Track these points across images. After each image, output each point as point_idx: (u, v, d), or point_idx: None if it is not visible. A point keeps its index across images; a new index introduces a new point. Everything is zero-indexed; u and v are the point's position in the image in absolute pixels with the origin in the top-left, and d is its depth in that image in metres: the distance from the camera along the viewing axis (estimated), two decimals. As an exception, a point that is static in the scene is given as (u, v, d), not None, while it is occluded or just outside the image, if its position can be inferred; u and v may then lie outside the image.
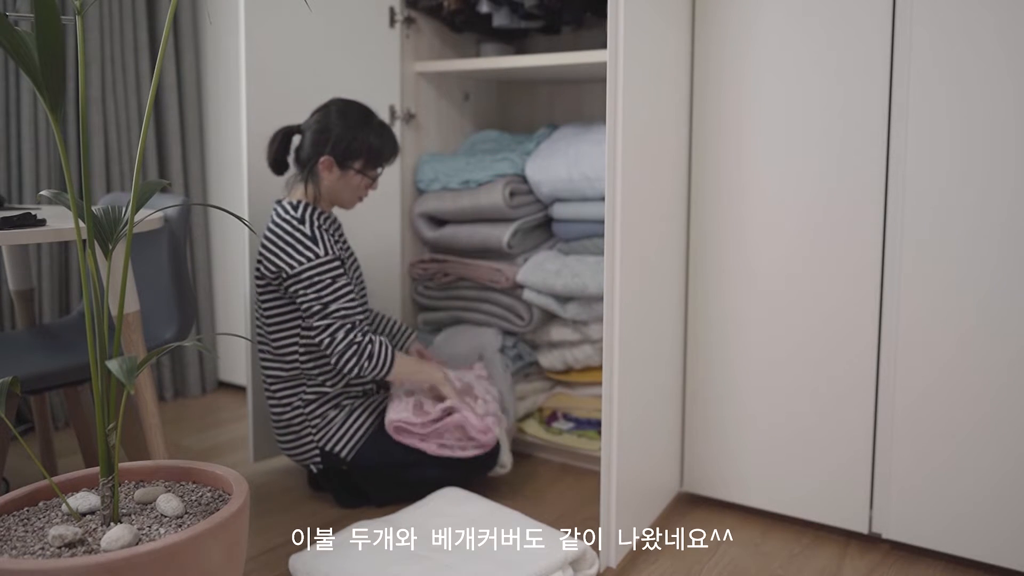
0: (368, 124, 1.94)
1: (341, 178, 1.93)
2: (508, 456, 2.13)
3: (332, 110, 1.94)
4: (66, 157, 1.11)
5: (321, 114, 1.95)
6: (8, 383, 1.07)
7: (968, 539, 1.69)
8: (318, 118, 1.94)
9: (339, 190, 1.94)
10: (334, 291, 1.83)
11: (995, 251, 1.60)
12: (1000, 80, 1.57)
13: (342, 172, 1.92)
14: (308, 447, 1.97)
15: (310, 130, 1.93)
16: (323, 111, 1.95)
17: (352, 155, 1.91)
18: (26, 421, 2.54)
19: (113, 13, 2.64)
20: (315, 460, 1.97)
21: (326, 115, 1.94)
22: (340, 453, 1.95)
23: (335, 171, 1.91)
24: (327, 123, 1.92)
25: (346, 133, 1.90)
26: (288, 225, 1.87)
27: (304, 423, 1.96)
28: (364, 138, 1.91)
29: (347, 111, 1.93)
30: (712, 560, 1.77)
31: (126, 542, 1.05)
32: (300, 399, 1.96)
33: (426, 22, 2.51)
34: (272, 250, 1.88)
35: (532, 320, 2.29)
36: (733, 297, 1.90)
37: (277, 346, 1.95)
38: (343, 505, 2.00)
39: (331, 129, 1.90)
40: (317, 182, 1.92)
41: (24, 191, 2.49)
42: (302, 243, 1.84)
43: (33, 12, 1.01)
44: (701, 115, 1.90)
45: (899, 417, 1.73)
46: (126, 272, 1.17)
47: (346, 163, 1.91)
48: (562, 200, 2.29)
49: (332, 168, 1.91)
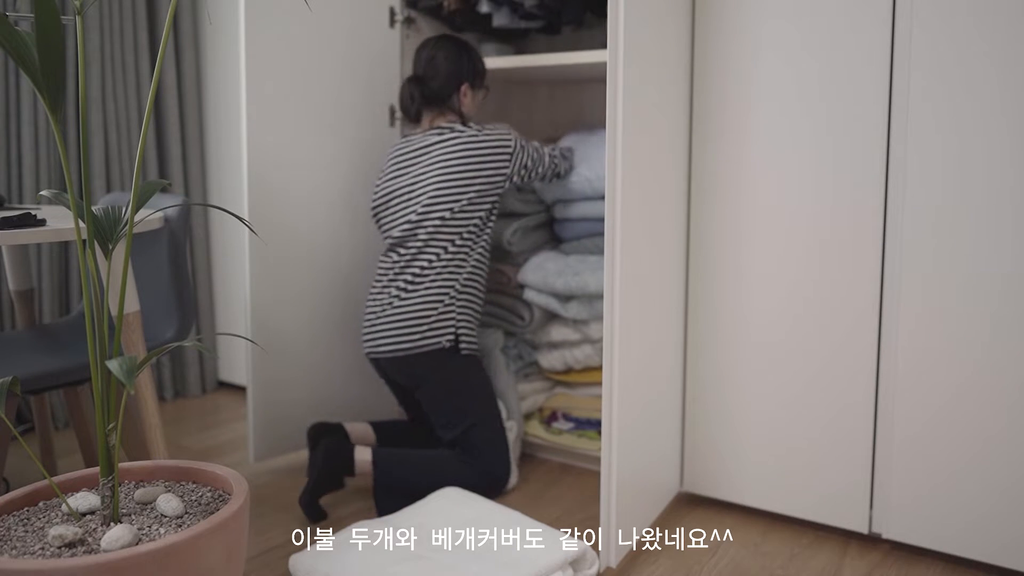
0: (471, 47, 2.21)
1: (474, 97, 2.22)
2: (514, 477, 2.13)
3: (449, 48, 2.17)
4: (66, 157, 1.11)
5: (447, 51, 2.16)
6: (8, 383, 1.07)
7: (968, 539, 1.69)
8: (444, 56, 2.15)
9: (472, 107, 2.22)
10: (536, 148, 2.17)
11: (996, 253, 1.60)
12: (999, 91, 1.57)
13: (474, 92, 2.21)
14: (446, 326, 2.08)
15: (440, 69, 2.15)
16: (440, 52, 2.16)
17: (479, 76, 2.21)
18: (26, 421, 2.55)
19: (113, 13, 2.64)
20: (449, 338, 2.08)
21: (452, 50, 2.17)
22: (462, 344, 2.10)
23: (469, 94, 2.19)
24: (455, 56, 2.16)
25: (472, 60, 2.19)
26: (481, 133, 2.10)
27: (451, 307, 2.09)
28: (479, 59, 2.21)
29: (457, 45, 2.18)
30: (712, 560, 1.77)
31: (126, 542, 1.05)
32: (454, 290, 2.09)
33: (426, 22, 2.51)
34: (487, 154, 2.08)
35: (533, 320, 2.29)
36: (733, 296, 1.91)
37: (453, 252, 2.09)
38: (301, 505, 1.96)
39: (461, 60, 2.17)
40: (458, 107, 2.18)
41: (24, 191, 2.49)
42: (498, 134, 2.11)
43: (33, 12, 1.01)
44: (701, 115, 1.91)
45: (899, 417, 1.73)
46: (126, 272, 1.17)
47: (476, 84, 2.21)
48: (563, 200, 2.30)
49: (467, 92, 2.18)
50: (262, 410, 2.20)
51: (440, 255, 2.07)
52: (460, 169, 2.06)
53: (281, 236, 2.19)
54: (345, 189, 2.31)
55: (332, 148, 2.29)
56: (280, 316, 2.21)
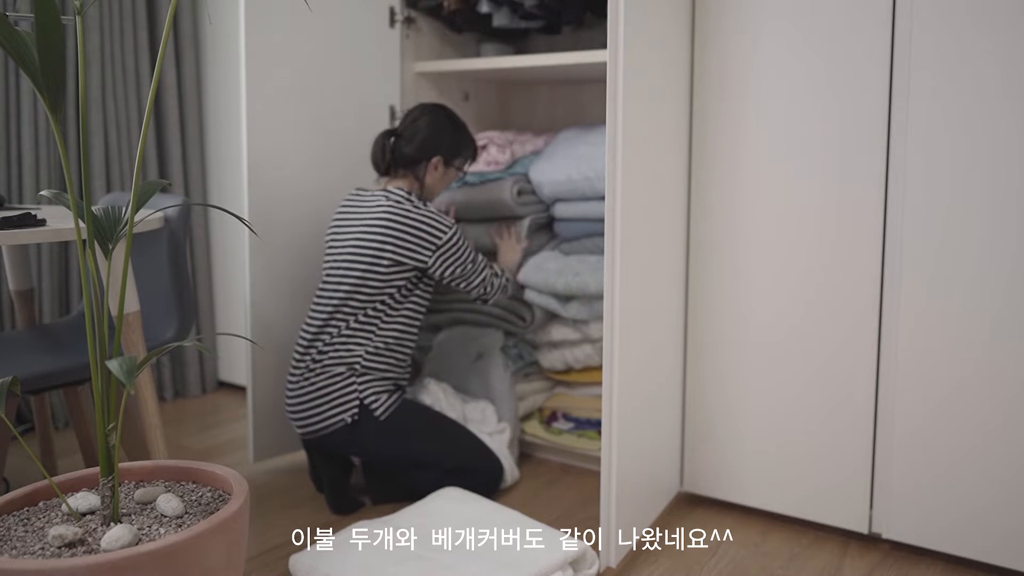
0: (463, 126, 2.16)
1: (444, 174, 2.14)
2: (513, 472, 2.13)
3: (433, 116, 2.11)
4: (66, 157, 1.11)
5: (429, 119, 2.11)
6: (8, 383, 1.07)
7: (968, 539, 1.69)
8: (428, 122, 2.10)
9: (438, 184, 2.15)
10: (471, 250, 2.08)
11: (996, 252, 1.60)
12: (999, 98, 1.57)
13: (446, 169, 2.13)
14: (349, 400, 1.98)
15: (420, 134, 2.09)
16: (430, 116, 2.11)
17: (457, 155, 2.14)
18: (26, 421, 2.54)
19: (113, 13, 2.64)
20: (352, 412, 1.97)
21: (436, 120, 2.11)
22: (376, 410, 1.98)
23: (440, 169, 2.12)
24: (439, 127, 2.11)
25: (456, 137, 2.13)
26: (417, 212, 2.00)
27: (351, 380, 1.99)
28: (465, 140, 2.16)
29: (446, 117, 2.14)
30: (712, 560, 1.77)
31: (126, 542, 1.05)
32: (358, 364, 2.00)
33: (426, 22, 2.51)
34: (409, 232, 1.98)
35: (533, 321, 2.29)
36: (733, 296, 1.91)
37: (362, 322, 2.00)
38: (337, 512, 2.00)
39: (443, 133, 2.11)
40: (423, 177, 2.10)
41: (24, 191, 2.49)
42: (437, 219, 2.01)
43: (33, 12, 1.01)
44: (701, 114, 1.90)
45: (899, 416, 1.73)
46: (126, 272, 1.17)
47: (451, 162, 2.13)
48: (563, 200, 2.30)
49: (439, 167, 2.11)
50: (262, 410, 2.20)
51: (342, 329, 1.98)
52: (379, 233, 1.97)
53: (281, 236, 2.19)
54: (344, 189, 2.31)
55: (332, 148, 2.29)
56: (280, 316, 2.21)
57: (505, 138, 2.36)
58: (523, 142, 2.40)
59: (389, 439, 1.99)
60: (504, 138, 2.36)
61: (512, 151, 2.35)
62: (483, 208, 2.34)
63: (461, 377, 2.33)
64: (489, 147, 2.35)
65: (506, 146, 2.35)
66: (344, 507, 2.00)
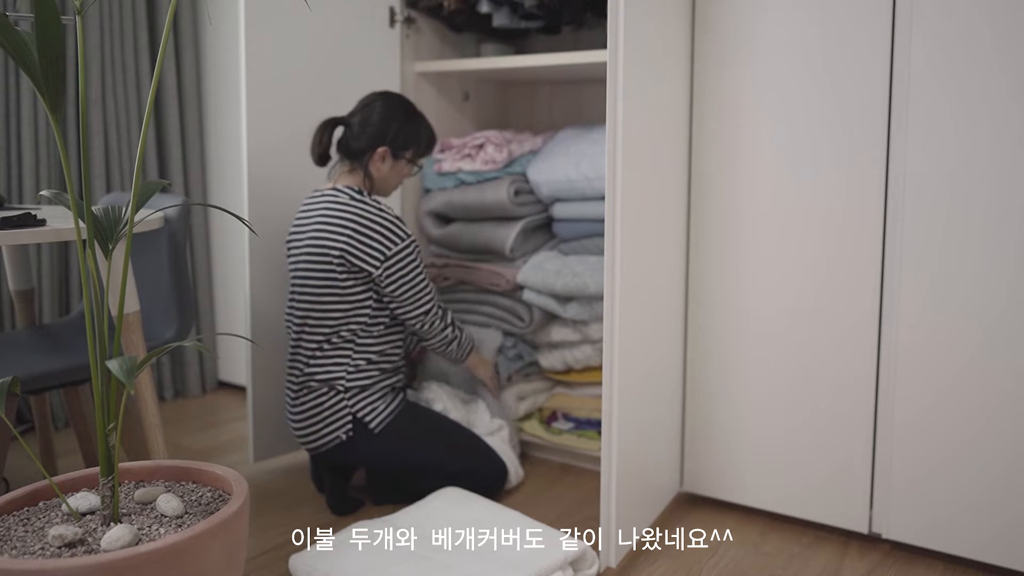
0: (417, 116, 2.05)
1: (393, 167, 2.02)
2: (519, 472, 2.12)
3: (384, 103, 2.00)
4: (66, 157, 1.11)
5: (374, 107, 2.00)
6: (8, 383, 1.07)
7: (968, 539, 1.69)
8: (376, 110, 1.99)
9: (388, 178, 2.03)
10: (424, 274, 1.94)
11: (996, 250, 1.61)
12: (1000, 92, 1.57)
13: (394, 162, 2.01)
14: (341, 417, 1.94)
15: (366, 123, 1.98)
16: (374, 105, 2.00)
17: (406, 146, 2.02)
18: (26, 421, 2.54)
19: (113, 13, 2.64)
20: (347, 429, 1.94)
21: (384, 108, 2.00)
22: (371, 423, 1.94)
23: (388, 161, 2.00)
24: (385, 116, 1.99)
25: (404, 126, 2.00)
26: (369, 211, 1.90)
27: (340, 398, 1.94)
28: (416, 130, 2.03)
29: (401, 104, 2.02)
30: (712, 560, 1.77)
31: (126, 542, 1.05)
32: (341, 384, 1.94)
33: (426, 22, 2.51)
34: (360, 233, 1.88)
35: (533, 322, 2.29)
36: (733, 296, 1.90)
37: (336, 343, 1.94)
38: (337, 512, 2.00)
39: (389, 122, 1.99)
40: (369, 171, 2.00)
41: (24, 191, 2.49)
42: (391, 227, 1.90)
43: (33, 12, 1.01)
44: (701, 115, 1.90)
45: (899, 416, 1.73)
46: (126, 272, 1.17)
47: (400, 153, 2.01)
48: (562, 200, 2.29)
49: (386, 158, 2.00)
50: (262, 410, 2.20)
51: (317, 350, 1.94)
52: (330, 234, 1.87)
53: (281, 236, 2.19)
54: (345, 189, 2.31)
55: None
56: (280, 316, 2.21)
57: (503, 137, 2.35)
58: (521, 141, 2.40)
59: (388, 449, 1.97)
60: (501, 137, 2.35)
61: (510, 150, 2.34)
62: (479, 208, 2.33)
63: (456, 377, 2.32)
64: (486, 146, 2.35)
65: (503, 145, 2.33)
66: (344, 507, 1.99)
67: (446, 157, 2.44)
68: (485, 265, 2.35)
